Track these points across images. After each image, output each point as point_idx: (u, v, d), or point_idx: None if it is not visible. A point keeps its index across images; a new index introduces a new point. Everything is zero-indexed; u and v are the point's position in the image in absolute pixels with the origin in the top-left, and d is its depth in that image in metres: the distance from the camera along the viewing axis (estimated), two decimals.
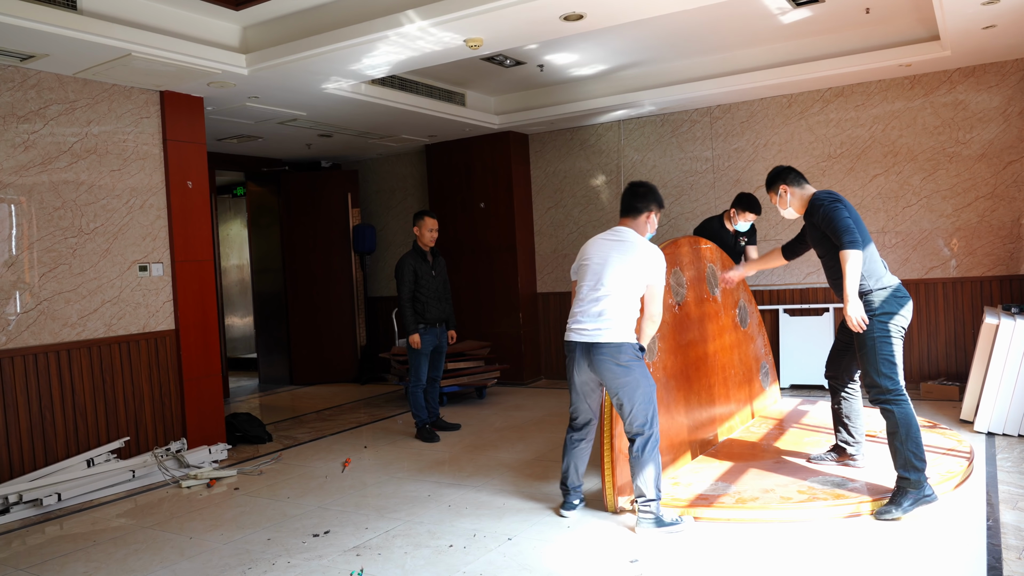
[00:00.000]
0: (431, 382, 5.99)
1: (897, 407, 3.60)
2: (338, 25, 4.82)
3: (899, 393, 3.62)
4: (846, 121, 6.75)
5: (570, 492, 3.92)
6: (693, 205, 7.47)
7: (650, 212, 3.81)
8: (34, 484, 4.54)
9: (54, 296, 4.88)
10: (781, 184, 4.01)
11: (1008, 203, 6.18)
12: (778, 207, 4.07)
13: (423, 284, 5.78)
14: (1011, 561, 3.03)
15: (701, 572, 3.13)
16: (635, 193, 3.82)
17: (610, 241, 3.77)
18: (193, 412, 5.62)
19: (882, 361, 3.66)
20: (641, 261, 3.65)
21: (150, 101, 5.48)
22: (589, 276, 3.73)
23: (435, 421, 6.01)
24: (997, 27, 5.16)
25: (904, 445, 3.55)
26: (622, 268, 3.65)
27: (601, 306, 3.64)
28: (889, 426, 3.63)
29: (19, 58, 4.58)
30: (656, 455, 3.59)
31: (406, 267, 5.75)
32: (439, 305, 5.88)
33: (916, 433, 3.57)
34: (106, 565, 3.61)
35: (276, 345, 9.25)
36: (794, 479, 4.01)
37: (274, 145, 8.13)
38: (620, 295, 3.64)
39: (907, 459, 3.54)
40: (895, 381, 3.64)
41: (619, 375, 3.59)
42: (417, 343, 5.70)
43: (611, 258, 3.70)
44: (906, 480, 3.55)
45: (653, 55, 6.50)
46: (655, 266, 3.67)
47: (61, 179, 4.95)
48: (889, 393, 3.62)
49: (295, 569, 3.40)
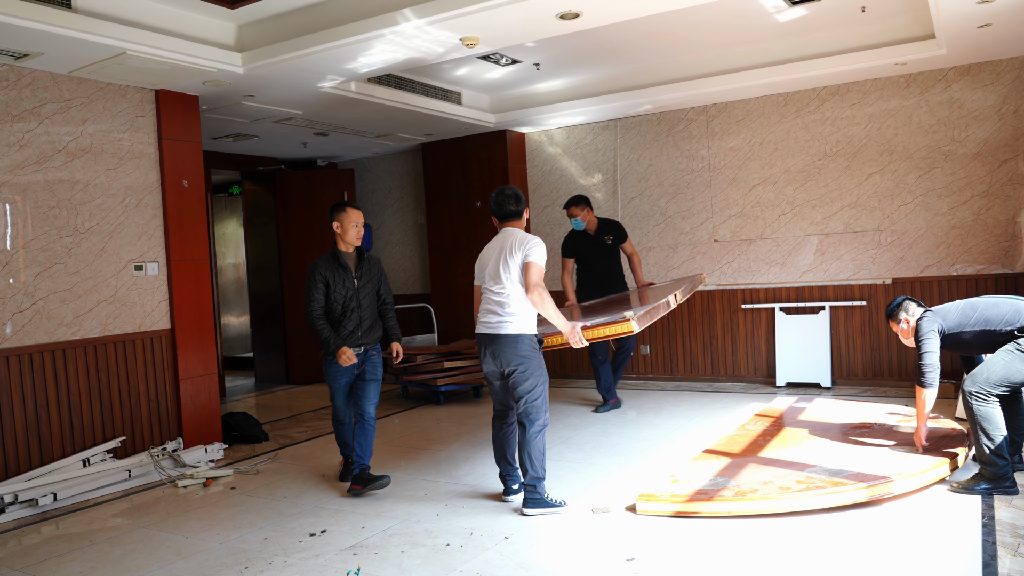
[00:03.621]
0: (360, 419, 4.53)
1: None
2: (334, 24, 4.81)
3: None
4: (842, 119, 6.76)
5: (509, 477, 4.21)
6: (689, 204, 7.48)
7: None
8: (30, 484, 4.53)
9: (49, 295, 4.87)
10: (902, 315, 4.19)
11: (1003, 201, 6.20)
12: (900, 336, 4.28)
13: (338, 296, 4.50)
14: (1006, 558, 3.04)
15: (698, 570, 3.14)
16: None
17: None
18: (189, 411, 5.61)
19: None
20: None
21: (145, 100, 5.46)
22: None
23: (361, 471, 4.44)
24: (992, 26, 5.17)
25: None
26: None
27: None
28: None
29: (13, 56, 4.57)
30: (544, 439, 3.97)
31: (316, 276, 4.48)
32: (363, 323, 4.56)
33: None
34: (102, 565, 3.61)
35: (272, 344, 9.24)
36: (792, 471, 4.02)
37: (270, 144, 8.11)
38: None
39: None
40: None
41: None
42: (348, 358, 4.42)
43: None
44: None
45: (649, 53, 6.50)
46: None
47: (56, 178, 4.93)
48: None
49: (292, 568, 3.40)
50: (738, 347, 7.30)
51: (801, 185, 6.94)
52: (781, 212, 7.05)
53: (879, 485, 3.70)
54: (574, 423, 5.96)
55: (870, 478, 3.78)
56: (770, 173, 7.08)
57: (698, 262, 7.45)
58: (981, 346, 4.04)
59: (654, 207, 7.67)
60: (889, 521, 3.52)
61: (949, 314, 4.04)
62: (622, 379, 7.86)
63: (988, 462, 3.75)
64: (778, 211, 7.06)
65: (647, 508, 3.80)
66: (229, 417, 6.08)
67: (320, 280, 4.49)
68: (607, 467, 4.71)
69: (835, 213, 6.82)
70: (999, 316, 3.91)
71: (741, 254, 7.25)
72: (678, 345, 7.60)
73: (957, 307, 4.05)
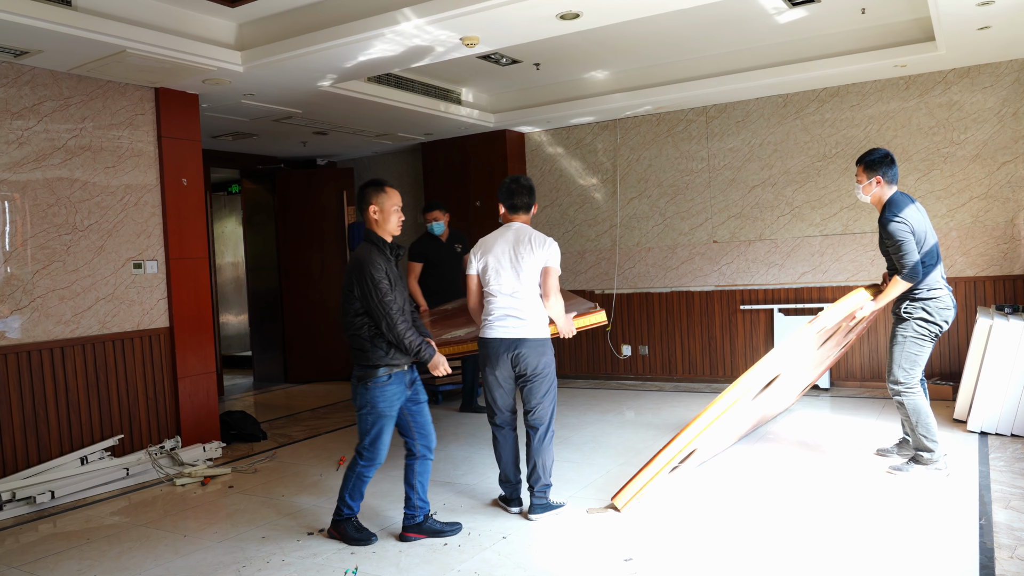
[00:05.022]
0: (426, 453, 3.75)
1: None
2: (334, 23, 4.80)
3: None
4: (841, 121, 6.76)
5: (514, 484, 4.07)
6: (688, 204, 7.48)
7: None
8: (27, 482, 4.53)
9: (48, 293, 4.86)
10: (877, 175, 4.20)
11: (1002, 203, 6.20)
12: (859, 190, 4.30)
13: (397, 296, 3.63)
14: (1003, 560, 3.05)
15: (696, 570, 3.14)
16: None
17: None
18: (187, 410, 5.60)
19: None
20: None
21: (145, 98, 5.46)
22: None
23: (426, 517, 3.71)
24: (992, 28, 5.18)
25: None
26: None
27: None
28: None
29: (13, 54, 4.56)
30: (552, 446, 3.90)
31: (379, 271, 3.56)
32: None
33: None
34: (100, 563, 3.60)
35: (271, 343, 9.23)
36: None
37: (269, 142, 8.11)
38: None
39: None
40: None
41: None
42: (446, 367, 3.62)
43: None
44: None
45: (649, 54, 6.50)
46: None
47: (55, 176, 4.93)
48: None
49: (290, 567, 3.40)
50: (737, 348, 7.30)
51: (800, 186, 6.95)
52: (780, 213, 7.06)
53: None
54: (572, 423, 5.96)
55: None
56: (769, 174, 7.09)
57: (697, 263, 7.46)
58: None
59: (653, 208, 7.68)
60: (887, 522, 3.52)
61: (916, 232, 4.10)
62: (621, 380, 7.87)
63: (923, 448, 4.16)
64: (777, 212, 7.07)
65: (622, 500, 3.85)
66: (227, 416, 6.08)
67: (384, 276, 3.56)
68: (606, 467, 4.71)
69: (834, 215, 6.83)
70: (933, 270, 4.15)
71: (740, 255, 7.25)
72: (676, 346, 7.60)
73: (920, 231, 4.11)
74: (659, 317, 7.69)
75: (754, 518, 3.70)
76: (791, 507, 3.82)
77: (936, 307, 4.12)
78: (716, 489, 4.17)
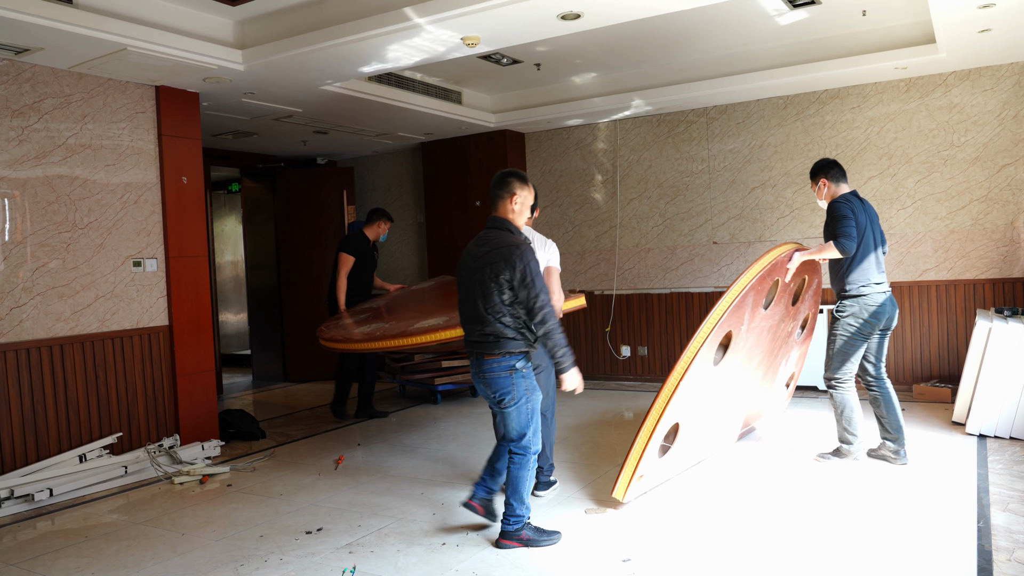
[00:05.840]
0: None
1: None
2: (335, 21, 4.80)
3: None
4: (842, 123, 6.77)
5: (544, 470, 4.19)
6: (688, 205, 7.48)
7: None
8: (25, 479, 4.53)
9: (47, 291, 4.86)
10: (822, 177, 4.53)
11: (1002, 206, 6.20)
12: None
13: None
14: (1001, 563, 3.05)
15: (695, 570, 3.14)
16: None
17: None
18: (186, 408, 5.60)
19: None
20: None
21: (145, 96, 5.46)
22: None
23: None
24: (993, 31, 5.18)
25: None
26: None
27: None
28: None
29: (14, 51, 4.56)
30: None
31: (534, 261, 3.38)
32: None
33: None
34: (97, 561, 3.60)
35: (270, 342, 9.23)
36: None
37: (270, 141, 8.11)
38: None
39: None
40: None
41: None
42: (578, 384, 3.51)
43: None
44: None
45: (650, 55, 6.50)
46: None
47: (55, 173, 4.93)
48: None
49: (288, 566, 3.40)
50: None
51: (800, 188, 6.95)
52: (780, 215, 7.06)
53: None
54: (571, 424, 5.96)
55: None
56: (769, 176, 7.09)
57: (697, 264, 7.46)
58: (833, 264, 4.47)
59: (653, 208, 7.68)
60: (885, 524, 3.52)
61: (858, 227, 4.32)
62: (620, 380, 7.87)
63: (844, 440, 4.48)
64: (777, 214, 7.07)
65: (620, 491, 3.83)
66: (226, 414, 6.08)
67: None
68: (604, 469, 4.71)
69: None
70: (864, 267, 4.33)
71: (740, 256, 7.25)
72: (676, 347, 7.59)
73: (861, 223, 4.34)
74: (658, 318, 7.69)
75: (751, 519, 3.70)
76: (788, 508, 3.82)
77: (864, 304, 4.35)
78: (714, 489, 4.17)
